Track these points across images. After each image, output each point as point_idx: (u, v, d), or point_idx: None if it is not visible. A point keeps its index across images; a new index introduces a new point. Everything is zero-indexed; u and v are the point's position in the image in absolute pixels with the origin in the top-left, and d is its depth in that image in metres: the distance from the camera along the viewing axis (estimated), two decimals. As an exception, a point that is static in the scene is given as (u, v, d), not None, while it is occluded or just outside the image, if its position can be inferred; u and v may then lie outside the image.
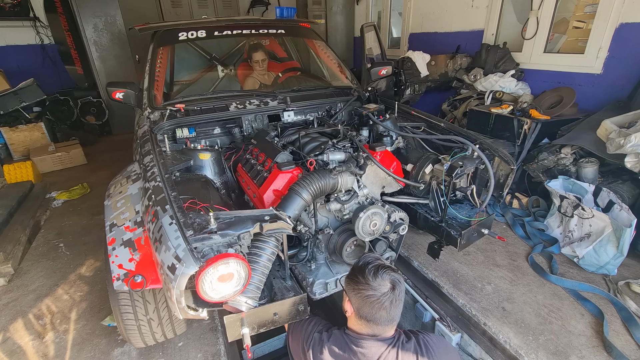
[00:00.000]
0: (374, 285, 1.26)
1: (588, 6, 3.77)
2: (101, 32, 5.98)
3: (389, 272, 1.29)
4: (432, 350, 1.36)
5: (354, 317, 1.35)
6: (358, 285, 1.29)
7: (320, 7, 7.42)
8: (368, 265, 1.30)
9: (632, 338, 2.12)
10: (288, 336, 1.64)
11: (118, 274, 1.49)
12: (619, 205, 2.66)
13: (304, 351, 1.44)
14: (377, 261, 1.33)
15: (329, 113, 2.90)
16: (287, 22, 3.66)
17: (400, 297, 1.29)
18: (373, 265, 1.30)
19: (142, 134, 2.30)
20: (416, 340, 1.38)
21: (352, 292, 1.31)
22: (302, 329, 1.53)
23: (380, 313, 1.27)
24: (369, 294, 1.26)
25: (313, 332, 1.47)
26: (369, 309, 1.27)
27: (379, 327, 1.31)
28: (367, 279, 1.27)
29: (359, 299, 1.29)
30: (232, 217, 1.44)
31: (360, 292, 1.28)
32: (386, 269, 1.29)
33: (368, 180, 2.07)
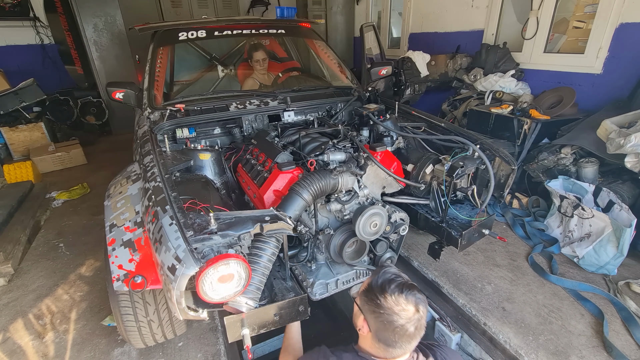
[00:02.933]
0: (397, 310, 1.12)
1: (588, 6, 3.77)
2: (101, 32, 5.98)
3: (413, 292, 1.15)
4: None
5: (370, 339, 1.21)
6: (378, 309, 1.15)
7: (320, 7, 7.41)
8: (390, 285, 1.16)
9: (632, 338, 2.12)
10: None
11: (118, 275, 1.49)
12: (619, 205, 2.66)
13: None
14: (398, 279, 1.19)
15: (329, 113, 2.90)
16: (287, 22, 3.66)
17: (424, 322, 1.17)
18: (395, 285, 1.16)
19: (142, 134, 2.30)
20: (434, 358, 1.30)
21: (371, 314, 1.18)
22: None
23: (403, 340, 1.14)
24: (391, 320, 1.12)
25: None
26: (390, 334, 1.14)
27: (397, 351, 1.18)
28: (388, 302, 1.13)
29: (378, 323, 1.16)
30: (233, 217, 1.44)
31: (380, 315, 1.14)
32: (410, 290, 1.16)
33: (368, 180, 2.07)
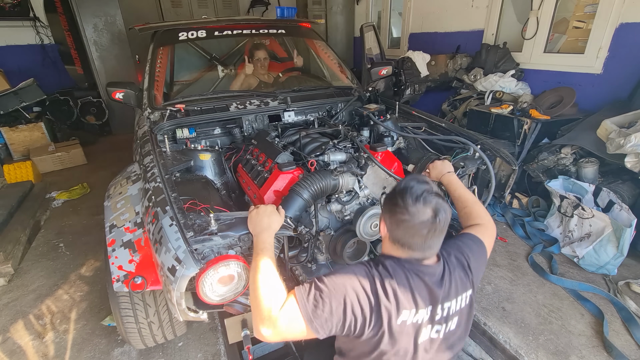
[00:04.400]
0: (412, 211, 1.08)
1: (588, 6, 3.77)
2: (101, 32, 5.97)
3: (433, 196, 1.10)
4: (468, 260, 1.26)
5: (387, 240, 1.19)
6: (395, 208, 1.11)
7: (320, 7, 7.41)
8: (411, 189, 1.11)
9: (632, 338, 2.12)
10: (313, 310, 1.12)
11: (118, 276, 1.49)
12: (619, 205, 2.66)
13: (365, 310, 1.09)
14: (424, 185, 1.12)
15: (329, 113, 2.90)
16: (287, 22, 3.66)
17: (443, 228, 1.11)
18: (417, 189, 1.11)
19: (142, 135, 2.30)
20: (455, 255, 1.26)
21: (388, 214, 1.15)
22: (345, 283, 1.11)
23: (415, 240, 1.10)
24: (404, 218, 1.09)
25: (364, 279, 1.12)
26: (402, 232, 1.11)
27: (415, 253, 1.13)
28: (405, 203, 1.09)
29: (392, 221, 1.13)
30: (233, 218, 1.44)
31: (395, 214, 1.11)
32: (432, 195, 1.10)
33: (369, 180, 2.07)
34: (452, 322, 1.17)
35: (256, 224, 1.34)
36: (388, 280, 1.09)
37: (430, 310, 1.12)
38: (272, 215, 1.37)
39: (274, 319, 1.04)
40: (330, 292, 1.06)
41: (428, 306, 1.11)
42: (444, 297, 1.13)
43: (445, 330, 1.16)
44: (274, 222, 1.37)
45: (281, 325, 1.03)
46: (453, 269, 1.19)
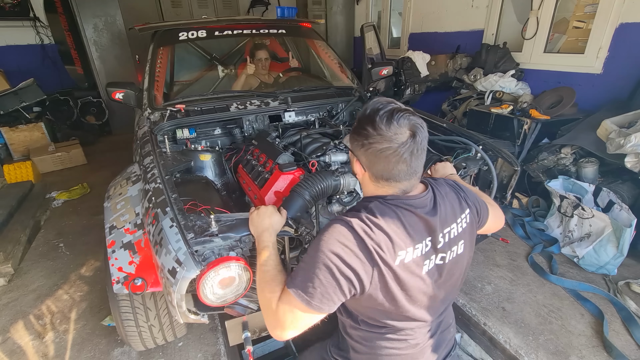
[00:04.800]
0: (389, 136, 0.95)
1: (588, 6, 3.77)
2: (101, 32, 5.97)
3: (406, 115, 0.97)
4: (460, 185, 1.20)
5: (368, 180, 1.07)
6: (368, 139, 0.98)
7: (320, 7, 7.41)
8: (379, 112, 0.97)
9: (632, 338, 2.12)
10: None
11: (118, 277, 1.48)
12: (619, 205, 2.66)
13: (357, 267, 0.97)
14: (390, 104, 0.99)
15: (330, 113, 2.90)
16: (288, 22, 3.66)
17: (423, 146, 1.00)
18: (385, 111, 0.97)
19: (142, 135, 2.30)
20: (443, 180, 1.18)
21: (360, 149, 1.02)
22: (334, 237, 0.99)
23: (399, 167, 0.98)
24: (382, 147, 0.96)
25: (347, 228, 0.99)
26: (384, 164, 0.99)
27: (401, 184, 1.03)
28: (378, 129, 0.96)
29: (370, 155, 1.00)
30: (234, 219, 1.43)
31: (371, 146, 0.98)
32: (403, 112, 0.97)
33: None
34: (458, 246, 1.10)
35: (257, 225, 1.32)
36: (374, 224, 0.98)
37: (429, 240, 1.03)
38: (273, 215, 1.35)
39: (277, 315, 1.00)
40: (313, 266, 0.97)
41: (426, 238, 1.03)
42: (442, 224, 1.05)
43: (451, 256, 1.09)
44: (275, 223, 1.35)
45: (285, 320, 0.98)
46: (445, 193, 1.11)
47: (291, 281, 0.99)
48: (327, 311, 0.98)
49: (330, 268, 0.94)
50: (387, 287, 0.98)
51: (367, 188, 1.11)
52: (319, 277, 0.95)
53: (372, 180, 1.05)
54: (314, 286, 0.95)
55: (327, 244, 0.97)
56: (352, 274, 0.95)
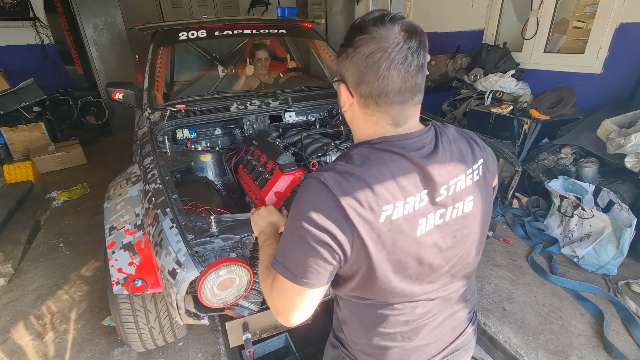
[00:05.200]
0: (379, 34, 0.76)
1: (588, 6, 3.77)
2: (101, 32, 5.97)
3: (400, 16, 0.79)
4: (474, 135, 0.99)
5: (357, 112, 0.87)
6: (353, 45, 0.80)
7: (320, 7, 7.41)
8: (367, 16, 0.80)
9: (632, 338, 2.12)
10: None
11: (118, 278, 1.48)
12: (619, 205, 2.67)
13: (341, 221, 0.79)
14: (380, 11, 0.81)
15: (330, 113, 2.89)
16: (288, 22, 3.66)
17: (421, 57, 0.79)
18: (376, 14, 0.79)
19: (142, 135, 2.30)
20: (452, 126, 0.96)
21: (345, 62, 0.83)
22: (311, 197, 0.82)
23: (391, 78, 0.78)
24: (370, 50, 0.77)
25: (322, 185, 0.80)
26: (373, 74, 0.78)
27: (392, 109, 0.82)
28: (366, 29, 0.77)
29: (356, 66, 0.80)
30: (234, 220, 1.43)
31: (356, 51, 0.79)
32: (397, 15, 0.79)
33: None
34: (464, 202, 0.89)
35: (260, 225, 1.29)
36: (351, 175, 0.80)
37: (426, 194, 0.83)
38: (273, 214, 1.31)
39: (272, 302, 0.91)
40: (288, 238, 0.85)
41: (421, 190, 0.82)
42: (444, 173, 0.84)
43: (454, 214, 0.88)
44: (277, 221, 1.31)
45: (279, 302, 0.89)
46: (452, 137, 0.91)
47: (274, 260, 0.87)
48: (319, 285, 0.84)
49: (303, 237, 0.80)
50: (367, 252, 0.80)
51: (356, 126, 0.91)
52: (296, 249, 0.82)
53: (360, 108, 0.86)
54: (294, 260, 0.83)
55: (298, 209, 0.82)
56: (328, 238, 0.78)
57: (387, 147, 0.83)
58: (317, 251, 0.79)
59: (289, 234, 0.84)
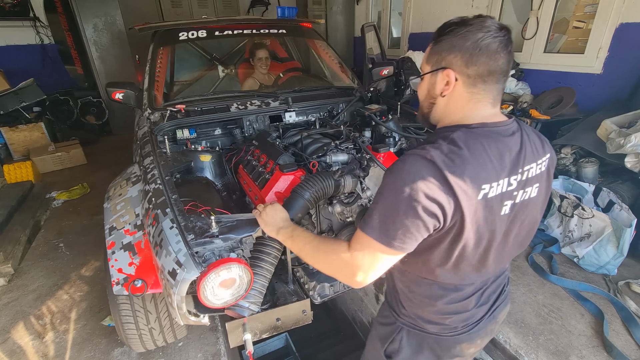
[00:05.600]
0: (481, 25, 0.91)
1: (588, 6, 3.77)
2: (101, 32, 5.97)
3: (486, 16, 0.95)
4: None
5: (460, 91, 0.97)
6: (457, 36, 0.93)
7: (320, 7, 7.41)
8: (459, 18, 0.96)
9: (632, 338, 2.12)
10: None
11: (118, 279, 1.48)
12: (619, 205, 2.66)
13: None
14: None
15: (330, 114, 2.89)
16: (288, 22, 3.66)
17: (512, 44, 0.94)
18: (469, 17, 0.96)
19: (142, 135, 2.30)
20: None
21: (452, 51, 0.94)
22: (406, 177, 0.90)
23: (500, 59, 0.91)
24: (480, 36, 0.90)
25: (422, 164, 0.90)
26: (486, 55, 0.90)
27: (495, 88, 0.96)
28: (468, 23, 0.93)
29: (466, 51, 0.92)
30: (234, 220, 1.43)
31: (465, 40, 0.91)
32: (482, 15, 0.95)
33: (371, 182, 2.06)
34: (532, 188, 1.01)
35: (272, 222, 1.30)
36: (457, 156, 0.89)
37: (513, 177, 0.95)
38: (280, 210, 1.34)
39: (353, 263, 0.96)
40: (392, 206, 0.90)
41: (511, 174, 0.95)
42: (523, 159, 0.96)
43: (523, 197, 0.99)
44: (286, 214, 1.35)
45: (364, 264, 0.95)
46: (528, 130, 1.03)
47: (367, 225, 0.94)
48: (409, 250, 0.93)
49: (412, 206, 0.87)
50: (462, 225, 0.91)
51: (453, 108, 1.01)
52: (400, 217, 0.89)
53: (467, 88, 0.96)
54: (395, 227, 0.90)
55: (406, 180, 0.89)
56: (437, 209, 0.88)
57: (485, 132, 0.94)
58: (423, 220, 0.88)
59: (392, 202, 0.91)
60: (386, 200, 0.92)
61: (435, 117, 1.07)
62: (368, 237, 0.93)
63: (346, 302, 3.22)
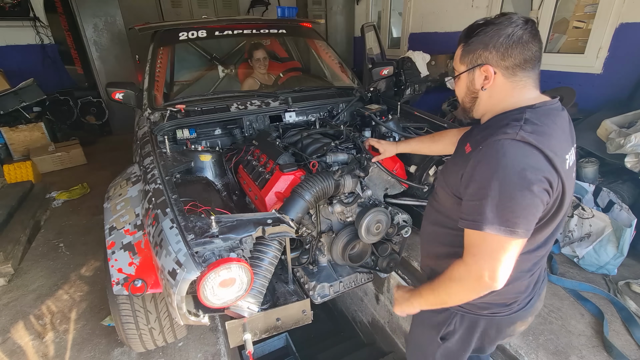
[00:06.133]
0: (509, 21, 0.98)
1: (588, 6, 3.77)
2: (101, 32, 5.97)
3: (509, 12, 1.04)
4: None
5: (501, 83, 1.04)
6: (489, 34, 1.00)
7: (320, 7, 7.40)
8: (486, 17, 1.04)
9: (632, 338, 2.12)
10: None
11: (118, 279, 1.48)
12: (619, 205, 2.66)
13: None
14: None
15: (330, 114, 2.89)
16: (288, 22, 3.66)
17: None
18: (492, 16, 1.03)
19: (142, 135, 2.30)
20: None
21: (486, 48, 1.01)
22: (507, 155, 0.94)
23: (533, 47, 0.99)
24: (509, 32, 0.97)
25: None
26: (520, 47, 0.98)
27: (533, 73, 1.04)
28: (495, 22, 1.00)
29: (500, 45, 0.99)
30: (234, 220, 1.43)
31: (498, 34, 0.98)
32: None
33: (371, 182, 2.07)
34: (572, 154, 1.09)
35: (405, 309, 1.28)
36: (541, 132, 0.95)
37: (572, 147, 1.06)
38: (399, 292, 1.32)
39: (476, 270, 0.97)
40: (506, 194, 0.91)
41: (572, 146, 1.06)
42: (574, 133, 1.09)
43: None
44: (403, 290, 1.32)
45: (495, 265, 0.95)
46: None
47: (481, 223, 0.94)
48: (530, 234, 0.95)
49: (528, 188, 0.90)
50: (563, 196, 0.98)
51: (498, 98, 1.07)
52: (518, 203, 0.91)
53: (507, 78, 1.03)
54: (515, 214, 0.91)
55: (511, 166, 0.91)
56: (547, 184, 0.92)
57: (547, 109, 1.02)
58: (541, 200, 0.92)
59: (504, 191, 0.92)
60: (496, 191, 0.92)
61: (480, 110, 1.14)
62: (485, 234, 0.94)
63: (346, 302, 3.23)
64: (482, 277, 0.96)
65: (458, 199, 1.08)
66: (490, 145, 0.95)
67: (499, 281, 0.96)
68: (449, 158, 2.13)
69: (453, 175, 1.09)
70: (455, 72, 1.14)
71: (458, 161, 1.10)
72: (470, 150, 1.04)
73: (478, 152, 0.98)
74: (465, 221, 0.99)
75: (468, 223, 0.98)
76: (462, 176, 1.02)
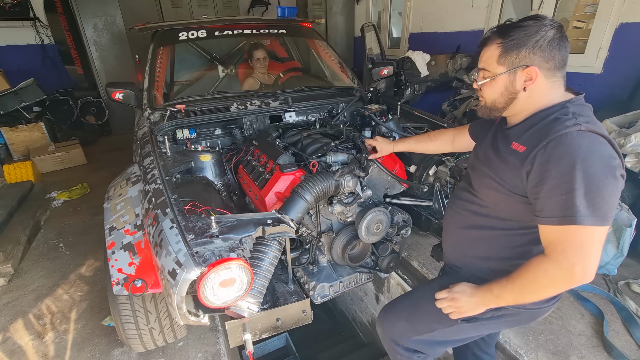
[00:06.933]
0: (549, 26, 1.06)
1: (588, 6, 3.77)
2: (101, 32, 5.97)
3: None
4: None
5: (542, 83, 1.10)
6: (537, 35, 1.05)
7: (320, 7, 7.41)
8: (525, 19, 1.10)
9: (632, 338, 2.12)
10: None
11: (118, 279, 1.48)
12: (619, 205, 2.66)
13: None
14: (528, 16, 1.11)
15: (330, 114, 2.89)
16: (288, 22, 3.66)
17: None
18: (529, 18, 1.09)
19: (142, 135, 2.30)
20: None
21: (532, 50, 1.06)
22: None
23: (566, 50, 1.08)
24: (552, 35, 1.05)
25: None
26: (560, 50, 1.06)
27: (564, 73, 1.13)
28: (539, 19, 1.07)
29: (545, 49, 1.05)
30: (234, 220, 1.43)
31: (542, 41, 1.04)
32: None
33: (371, 182, 2.07)
34: None
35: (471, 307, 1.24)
36: (592, 121, 1.05)
37: None
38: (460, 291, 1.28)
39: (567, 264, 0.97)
40: (594, 184, 0.94)
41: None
42: None
43: None
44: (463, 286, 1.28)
45: (590, 257, 0.96)
46: None
47: (576, 214, 0.95)
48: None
49: (612, 174, 0.95)
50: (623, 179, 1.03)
51: (537, 97, 1.12)
52: (607, 191, 0.95)
53: (547, 78, 1.09)
54: (605, 202, 0.95)
55: (590, 156, 0.96)
56: (623, 170, 0.99)
57: (581, 102, 1.13)
58: (621, 185, 0.98)
59: (592, 181, 0.94)
60: (581, 182, 0.94)
61: (514, 110, 1.17)
62: (577, 227, 0.95)
63: (346, 302, 3.23)
64: (574, 273, 0.97)
65: (521, 197, 1.10)
66: (559, 140, 0.99)
67: (591, 273, 0.97)
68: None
69: (508, 175, 1.12)
70: (485, 73, 1.19)
71: (509, 160, 1.12)
72: (526, 149, 1.08)
73: (544, 148, 1.01)
74: (551, 218, 1.00)
75: (556, 219, 0.99)
76: (528, 175, 1.04)
